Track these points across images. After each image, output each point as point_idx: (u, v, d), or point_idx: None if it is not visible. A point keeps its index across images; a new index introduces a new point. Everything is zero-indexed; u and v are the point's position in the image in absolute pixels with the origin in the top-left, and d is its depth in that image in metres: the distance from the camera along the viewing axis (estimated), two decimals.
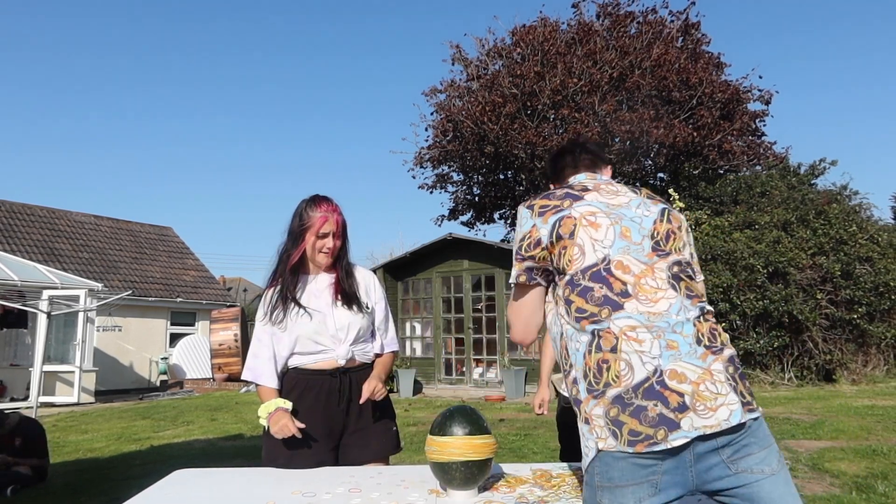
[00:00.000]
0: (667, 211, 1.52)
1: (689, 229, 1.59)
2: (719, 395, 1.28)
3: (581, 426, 1.36)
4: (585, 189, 1.54)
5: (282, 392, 2.22)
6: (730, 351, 1.36)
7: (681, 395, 1.27)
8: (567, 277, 1.43)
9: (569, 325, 1.42)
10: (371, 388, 2.17)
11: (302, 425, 2.08)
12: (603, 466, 1.30)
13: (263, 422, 2.13)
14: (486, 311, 11.64)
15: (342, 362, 2.22)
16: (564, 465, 2.05)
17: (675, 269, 1.45)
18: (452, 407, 1.79)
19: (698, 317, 1.39)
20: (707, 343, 1.35)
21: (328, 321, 2.21)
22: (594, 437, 1.31)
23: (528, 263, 1.48)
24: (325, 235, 2.21)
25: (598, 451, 1.30)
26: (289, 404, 2.14)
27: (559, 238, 1.45)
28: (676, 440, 1.25)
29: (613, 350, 1.33)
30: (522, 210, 1.54)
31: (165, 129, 71.71)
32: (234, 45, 71.62)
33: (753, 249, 10.65)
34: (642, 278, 1.41)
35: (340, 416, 2.23)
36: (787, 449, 5.49)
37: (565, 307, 1.43)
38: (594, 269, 1.41)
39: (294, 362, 2.24)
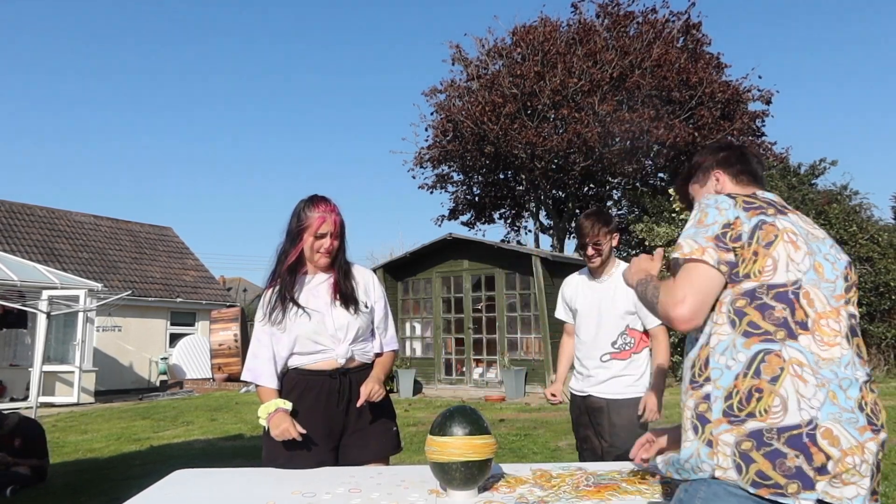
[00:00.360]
0: (853, 263, 1.45)
1: None
2: (858, 475, 1.21)
3: (700, 445, 1.30)
4: (785, 207, 1.44)
5: (281, 392, 2.22)
6: (884, 435, 1.28)
7: (828, 457, 1.20)
8: (748, 287, 1.32)
9: (727, 336, 1.32)
10: (368, 390, 2.15)
11: (303, 430, 2.07)
12: (710, 493, 1.26)
13: (263, 422, 2.13)
14: (486, 311, 11.64)
15: (342, 361, 2.22)
16: (564, 465, 2.05)
17: (852, 321, 1.35)
18: (452, 407, 1.79)
19: (866, 382, 1.30)
20: (869, 416, 1.27)
21: (327, 321, 2.21)
22: (713, 463, 1.26)
23: (730, 256, 1.33)
24: (322, 236, 2.20)
25: (713, 477, 1.26)
26: (289, 405, 2.14)
27: (756, 242, 1.33)
28: (807, 500, 1.19)
29: (773, 381, 1.25)
30: (719, 198, 1.41)
31: (165, 129, 71.66)
32: (233, 45, 71.58)
33: None
34: (823, 318, 1.30)
35: (340, 417, 2.22)
36: None
37: (734, 317, 1.32)
38: (782, 289, 1.30)
39: (294, 363, 2.24)
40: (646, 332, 2.92)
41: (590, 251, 2.92)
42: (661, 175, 17.32)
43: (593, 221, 2.89)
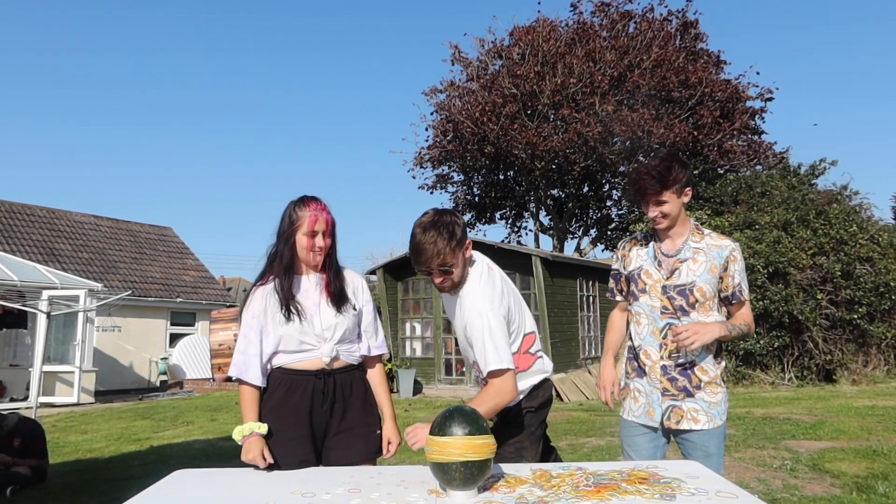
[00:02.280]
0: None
1: None
2: None
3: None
4: None
5: (266, 391, 2.22)
6: None
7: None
8: None
9: None
10: (388, 445, 2.31)
11: (271, 460, 2.07)
12: None
13: (239, 442, 2.14)
14: None
15: (326, 360, 2.22)
16: (564, 465, 2.04)
17: None
18: (452, 407, 1.78)
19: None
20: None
21: (315, 321, 2.21)
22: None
23: None
24: (314, 234, 2.20)
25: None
26: (264, 428, 2.14)
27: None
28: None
29: None
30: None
31: (165, 129, 71.73)
32: (233, 46, 71.63)
33: (754, 249, 10.64)
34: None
35: (324, 417, 2.23)
36: (788, 449, 5.49)
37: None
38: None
39: (278, 361, 2.24)
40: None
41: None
42: None
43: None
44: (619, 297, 2.66)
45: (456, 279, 2.19)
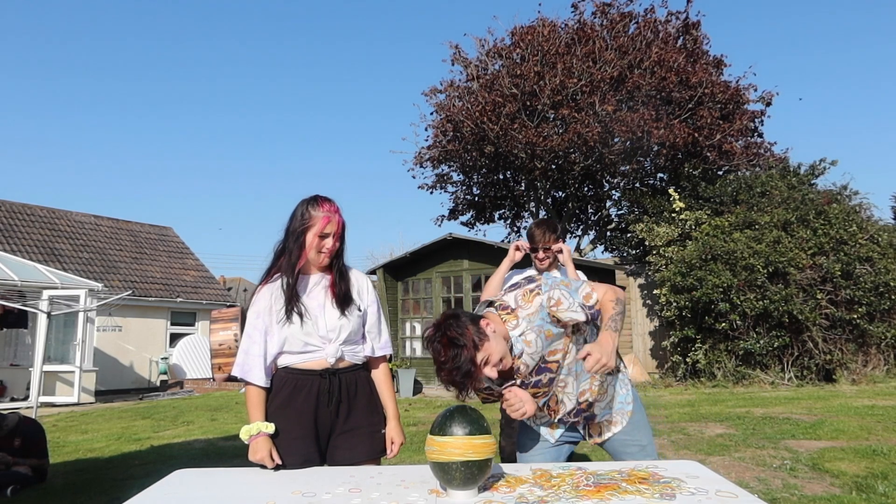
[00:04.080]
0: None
1: None
2: None
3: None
4: None
5: (270, 391, 2.23)
6: None
7: None
8: None
9: None
10: (391, 443, 2.32)
11: (279, 461, 2.10)
12: None
13: (246, 441, 2.14)
14: None
15: (331, 360, 2.23)
16: (564, 464, 2.05)
17: None
18: (452, 407, 1.79)
19: None
20: None
21: (319, 322, 2.21)
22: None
23: None
24: (325, 236, 2.20)
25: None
26: (271, 428, 2.15)
27: None
28: None
29: None
30: None
31: (165, 129, 71.73)
32: (234, 46, 71.63)
33: (753, 249, 10.64)
34: None
35: (329, 417, 2.24)
36: (788, 449, 5.49)
37: None
38: None
39: (283, 361, 2.24)
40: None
41: (541, 255, 3.43)
42: (660, 175, 17.29)
43: (544, 230, 3.43)
44: None
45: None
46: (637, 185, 17.27)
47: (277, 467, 2.10)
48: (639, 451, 2.27)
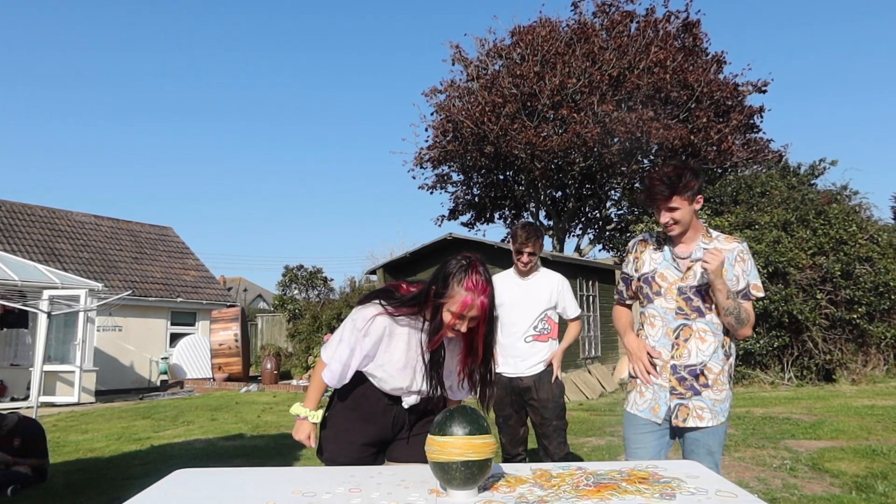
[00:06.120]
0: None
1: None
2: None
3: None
4: None
5: (346, 386, 2.22)
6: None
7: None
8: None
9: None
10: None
11: (313, 445, 2.24)
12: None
13: (295, 416, 2.25)
14: None
15: (406, 406, 2.24)
16: (564, 464, 2.05)
17: None
18: (452, 407, 1.79)
19: None
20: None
21: (408, 378, 2.17)
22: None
23: None
24: (462, 318, 1.96)
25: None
26: (318, 418, 2.24)
27: None
28: None
29: None
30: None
31: (165, 130, 71.73)
32: (233, 45, 71.63)
33: (753, 249, 10.65)
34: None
35: (392, 431, 2.29)
36: (787, 449, 5.49)
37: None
38: None
39: (366, 369, 2.21)
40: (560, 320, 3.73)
41: (525, 258, 3.54)
42: None
43: (528, 233, 3.52)
44: (628, 301, 2.69)
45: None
46: (636, 185, 17.27)
47: (326, 461, 2.19)
48: (706, 454, 2.37)
